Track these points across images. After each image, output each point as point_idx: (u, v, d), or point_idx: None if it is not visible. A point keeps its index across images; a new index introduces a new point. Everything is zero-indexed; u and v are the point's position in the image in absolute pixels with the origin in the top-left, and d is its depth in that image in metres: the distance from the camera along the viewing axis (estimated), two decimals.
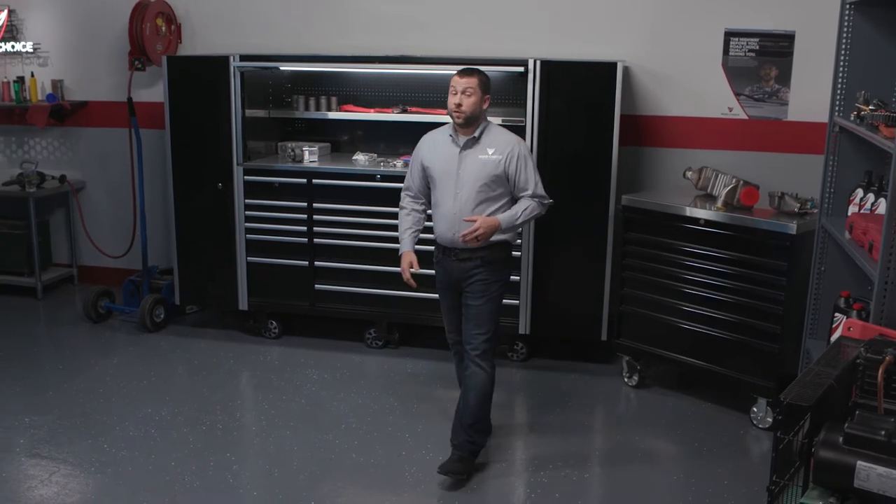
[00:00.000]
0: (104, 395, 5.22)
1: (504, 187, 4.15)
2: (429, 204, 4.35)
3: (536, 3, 5.98)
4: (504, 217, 4.11)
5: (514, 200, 4.21)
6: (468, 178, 4.11)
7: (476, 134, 4.13)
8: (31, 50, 7.03)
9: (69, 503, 4.04)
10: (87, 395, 5.21)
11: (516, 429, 4.98)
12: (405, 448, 4.55)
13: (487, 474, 4.34)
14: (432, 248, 4.35)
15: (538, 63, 5.28)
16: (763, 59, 5.70)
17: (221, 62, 5.73)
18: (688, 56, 5.80)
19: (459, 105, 4.06)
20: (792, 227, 4.59)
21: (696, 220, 4.93)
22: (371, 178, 5.62)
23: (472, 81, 4.07)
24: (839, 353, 2.71)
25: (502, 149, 4.11)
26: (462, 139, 4.15)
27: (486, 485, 4.25)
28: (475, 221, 4.02)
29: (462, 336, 4.27)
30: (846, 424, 2.33)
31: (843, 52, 4.29)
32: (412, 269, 4.25)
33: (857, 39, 4.26)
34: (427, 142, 4.33)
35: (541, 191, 4.22)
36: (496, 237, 4.12)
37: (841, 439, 2.30)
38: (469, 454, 4.24)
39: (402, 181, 5.49)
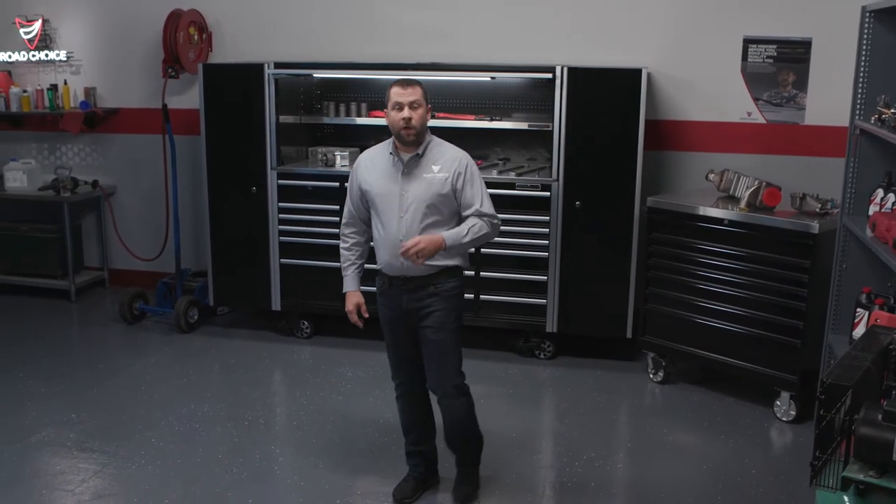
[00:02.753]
0: (146, 392, 5.40)
1: (452, 207, 3.80)
2: (370, 232, 3.98)
3: (560, 12, 6.17)
4: (449, 234, 3.73)
5: (462, 221, 3.84)
6: (413, 200, 3.74)
7: (420, 151, 3.77)
8: (65, 58, 7.22)
9: (124, 494, 4.20)
10: (130, 393, 5.38)
11: (547, 422, 5.17)
12: (442, 441, 4.70)
13: (523, 463, 4.52)
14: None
15: (565, 70, 5.46)
16: (781, 65, 5.88)
17: (256, 70, 5.91)
18: (708, 63, 5.98)
19: (409, 120, 3.68)
20: (814, 227, 4.76)
21: (720, 221, 5.10)
22: None
23: (417, 92, 3.72)
24: (873, 340, 2.88)
25: (448, 165, 3.77)
26: (405, 157, 3.78)
27: (523, 473, 4.42)
28: (415, 239, 3.67)
29: (426, 375, 3.98)
30: (885, 402, 2.50)
31: (863, 57, 4.46)
32: (361, 314, 4.00)
33: (876, 45, 4.43)
34: (363, 163, 3.92)
35: (488, 209, 3.82)
36: (443, 260, 3.78)
37: (880, 416, 2.47)
38: (471, 466, 4.20)
39: None
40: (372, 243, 3.99)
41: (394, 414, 4.98)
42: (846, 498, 2.63)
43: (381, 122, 6.14)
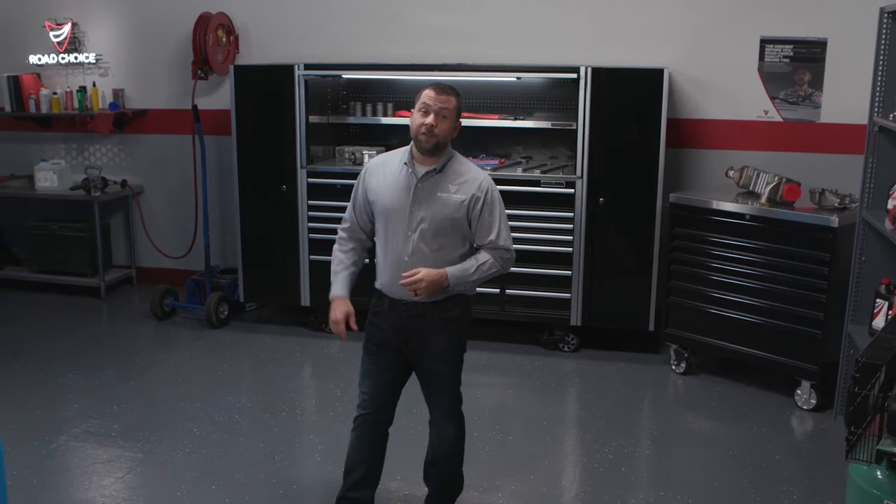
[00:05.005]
0: (183, 384, 5.56)
1: (464, 232, 3.49)
2: (369, 243, 3.72)
3: (579, 13, 6.33)
4: (453, 271, 3.43)
5: (473, 249, 3.56)
6: (424, 219, 3.43)
7: (438, 166, 3.45)
8: (94, 61, 7.39)
9: (171, 481, 4.36)
10: (168, 385, 5.54)
11: (574, 412, 5.34)
12: (476, 429, 4.86)
13: (555, 450, 4.70)
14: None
15: (589, 70, 5.62)
16: (797, 64, 6.03)
17: (287, 71, 6.08)
18: (725, 62, 6.14)
19: (432, 127, 3.35)
20: (834, 221, 4.92)
21: (741, 216, 5.27)
22: None
23: (449, 102, 3.39)
24: None
25: (468, 188, 3.45)
26: (421, 170, 3.45)
27: (556, 459, 4.60)
28: (417, 273, 3.37)
29: (425, 400, 3.77)
30: None
31: (881, 57, 4.62)
32: (349, 328, 3.64)
33: (894, 45, 4.60)
34: (375, 168, 3.61)
35: (504, 241, 3.51)
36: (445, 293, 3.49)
37: None
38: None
39: None
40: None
41: (425, 405, 5.16)
42: (878, 471, 2.79)
43: (406, 121, 6.34)
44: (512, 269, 5.79)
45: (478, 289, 5.82)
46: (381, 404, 3.71)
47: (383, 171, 3.55)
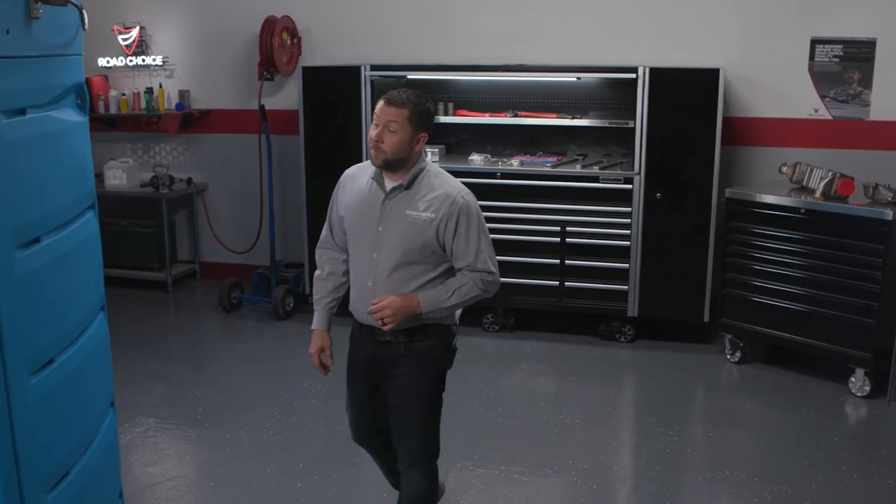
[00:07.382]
0: (258, 372, 5.83)
1: (436, 255, 3.12)
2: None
3: (635, 15, 6.54)
4: (426, 297, 3.08)
5: (452, 271, 3.18)
6: (389, 238, 3.09)
7: (405, 181, 3.09)
8: (160, 63, 7.68)
9: (261, 459, 4.62)
10: (242, 372, 5.82)
11: (635, 398, 5.59)
12: (544, 413, 5.13)
13: (621, 434, 4.94)
14: None
15: (647, 70, 5.84)
16: (846, 63, 6.22)
17: (353, 72, 6.34)
18: (777, 62, 6.33)
19: (379, 141, 3.02)
20: (888, 214, 5.11)
21: (797, 210, 5.47)
22: (492, 175, 6.19)
23: (399, 114, 3.00)
24: None
25: (438, 205, 3.06)
26: (389, 185, 3.11)
27: (624, 442, 4.84)
28: (383, 300, 3.05)
29: (397, 448, 3.37)
30: None
31: None
32: (325, 361, 3.49)
33: None
34: (345, 181, 3.29)
35: (485, 263, 3.12)
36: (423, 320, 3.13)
37: None
38: None
39: (519, 179, 6.14)
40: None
41: (492, 391, 5.42)
42: None
43: (466, 120, 6.60)
44: (570, 261, 6.14)
45: (536, 281, 6.17)
46: (364, 435, 3.54)
47: (352, 186, 3.24)
